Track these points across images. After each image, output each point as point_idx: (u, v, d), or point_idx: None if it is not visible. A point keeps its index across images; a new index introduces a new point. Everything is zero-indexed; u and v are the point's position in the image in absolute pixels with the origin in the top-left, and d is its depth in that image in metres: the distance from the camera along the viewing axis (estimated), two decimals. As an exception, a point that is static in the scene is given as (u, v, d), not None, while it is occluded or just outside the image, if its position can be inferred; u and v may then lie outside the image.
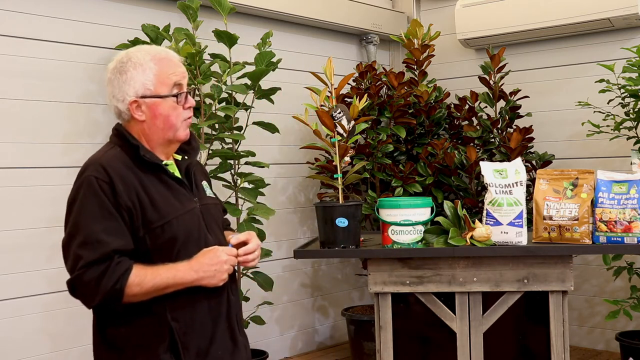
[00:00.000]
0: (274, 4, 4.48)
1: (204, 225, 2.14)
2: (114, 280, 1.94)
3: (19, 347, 3.46)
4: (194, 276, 2.02)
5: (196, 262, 2.04)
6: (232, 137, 3.73)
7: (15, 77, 3.48)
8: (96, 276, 1.94)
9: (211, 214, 2.20)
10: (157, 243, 2.03)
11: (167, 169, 2.12)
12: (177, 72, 2.14)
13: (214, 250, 2.07)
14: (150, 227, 2.02)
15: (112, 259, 1.96)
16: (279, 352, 4.68)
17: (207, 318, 2.09)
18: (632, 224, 2.70)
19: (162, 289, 2.01)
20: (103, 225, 1.97)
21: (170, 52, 2.18)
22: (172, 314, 2.04)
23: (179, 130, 2.14)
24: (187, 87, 2.18)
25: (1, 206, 3.43)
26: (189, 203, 2.12)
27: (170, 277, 2.00)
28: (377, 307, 2.91)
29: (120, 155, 2.10)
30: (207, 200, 2.22)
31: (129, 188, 2.02)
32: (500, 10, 4.81)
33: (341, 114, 2.90)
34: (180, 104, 2.13)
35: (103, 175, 2.01)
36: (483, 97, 4.62)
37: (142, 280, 1.97)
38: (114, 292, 1.95)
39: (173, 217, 2.05)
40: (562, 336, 2.78)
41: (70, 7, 3.69)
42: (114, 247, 1.96)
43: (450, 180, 4.41)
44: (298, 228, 4.86)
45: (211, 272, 2.04)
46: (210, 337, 2.10)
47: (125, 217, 2.00)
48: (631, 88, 3.95)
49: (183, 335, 2.04)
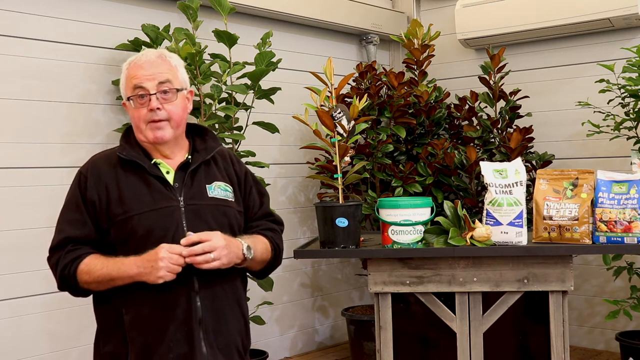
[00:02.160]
0: (274, 4, 4.48)
1: (182, 224, 2.15)
2: (62, 265, 2.15)
3: (19, 347, 3.46)
4: (135, 271, 2.09)
5: (140, 257, 2.10)
6: (232, 137, 3.73)
7: (15, 77, 3.48)
8: (55, 261, 2.18)
9: (201, 214, 2.19)
10: (119, 236, 2.15)
11: (147, 168, 2.19)
12: (138, 75, 2.19)
13: (158, 247, 2.09)
14: (113, 220, 2.15)
15: (66, 247, 2.15)
16: (279, 352, 4.68)
17: (157, 317, 2.13)
18: (632, 224, 2.69)
19: (108, 280, 2.12)
20: (67, 216, 2.20)
21: (147, 54, 2.25)
22: (124, 307, 2.15)
23: (145, 132, 2.21)
24: (159, 88, 2.18)
25: (1, 206, 3.43)
26: (165, 201, 2.16)
27: (115, 269, 2.11)
28: (377, 307, 2.91)
29: (111, 153, 2.26)
30: (205, 200, 2.21)
31: (99, 183, 2.18)
32: (500, 10, 4.81)
33: (341, 114, 2.90)
34: (142, 105, 2.19)
35: (84, 170, 2.23)
36: (483, 97, 4.62)
37: (91, 269, 2.13)
38: (64, 277, 2.16)
39: (135, 212, 2.14)
40: (562, 336, 2.78)
41: (70, 7, 3.69)
42: (68, 235, 2.17)
43: (450, 180, 4.41)
44: (298, 228, 4.86)
45: (148, 268, 2.07)
46: (160, 337, 2.12)
47: (90, 210, 2.17)
48: (631, 88, 3.95)
49: (130, 329, 2.14)
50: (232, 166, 2.37)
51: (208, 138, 2.33)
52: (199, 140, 2.34)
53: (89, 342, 2.19)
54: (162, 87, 2.20)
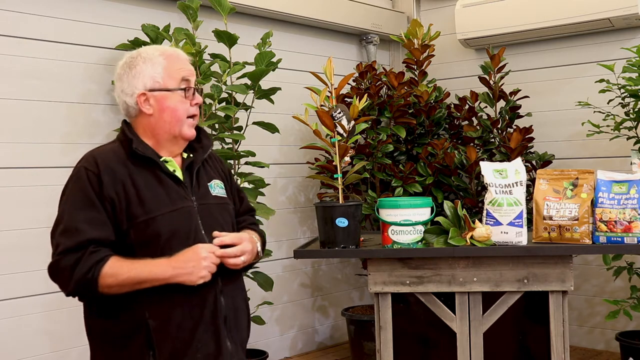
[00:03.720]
0: (274, 4, 4.48)
1: (198, 224, 2.12)
2: (86, 268, 1.97)
3: (19, 347, 3.46)
4: (171, 272, 2.01)
5: (175, 258, 2.02)
6: (232, 137, 3.73)
7: (15, 77, 3.48)
8: (71, 264, 1.99)
9: (212, 214, 2.18)
10: (140, 238, 2.04)
11: (162, 165, 2.12)
12: (185, 67, 2.17)
13: (194, 247, 2.05)
14: (134, 222, 2.04)
15: (87, 248, 1.99)
16: (279, 352, 4.68)
17: (186, 319, 2.06)
18: (632, 224, 2.70)
19: (137, 283, 2.00)
20: (83, 215, 2.01)
21: (179, 50, 2.23)
22: (149, 312, 2.03)
23: (184, 126, 2.15)
24: (195, 86, 2.20)
25: (1, 206, 3.42)
26: (181, 201, 2.11)
27: (146, 271, 2.00)
28: (377, 307, 2.91)
29: (116, 149, 2.13)
30: (210, 199, 2.21)
31: (116, 180, 2.04)
32: (500, 10, 4.81)
33: (341, 114, 2.90)
34: (188, 98, 2.15)
35: (92, 166, 2.05)
36: (483, 97, 4.62)
37: (116, 271, 1.99)
38: (86, 280, 1.98)
39: (158, 213, 2.05)
40: (562, 336, 2.78)
41: (70, 7, 3.69)
42: (90, 236, 2.00)
43: (450, 180, 4.41)
44: (298, 228, 4.86)
45: (189, 268, 2.01)
46: (188, 339, 2.06)
47: (108, 209, 2.03)
48: (631, 88, 3.95)
49: (158, 334, 2.03)
50: (219, 163, 2.37)
51: (202, 136, 2.30)
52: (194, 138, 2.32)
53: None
54: (195, 84, 2.21)
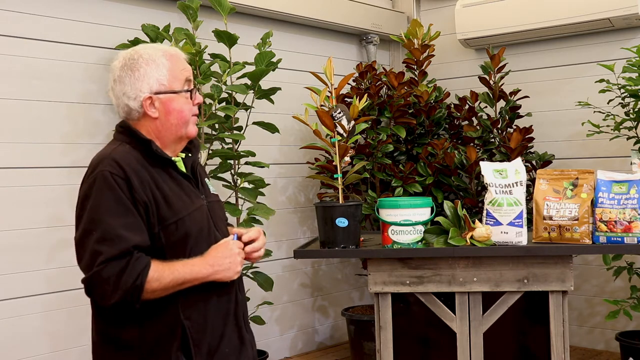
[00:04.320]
0: (274, 4, 4.48)
1: (211, 222, 2.15)
2: (134, 276, 1.92)
3: (19, 347, 3.46)
4: (210, 270, 2.03)
5: (210, 256, 2.05)
6: (232, 137, 3.73)
7: (15, 77, 3.48)
8: (116, 272, 1.91)
9: (217, 211, 2.22)
10: (170, 240, 2.03)
11: (176, 166, 2.13)
12: (186, 68, 2.18)
13: (225, 244, 2.08)
14: (164, 224, 2.02)
15: (132, 255, 1.94)
16: (279, 352, 4.68)
17: (218, 316, 2.10)
18: (632, 224, 2.70)
19: (179, 285, 2.00)
20: (122, 221, 1.95)
21: (178, 49, 2.22)
22: (184, 313, 2.04)
23: (190, 126, 2.16)
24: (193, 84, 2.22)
25: (1, 206, 3.42)
26: (197, 200, 2.13)
27: (187, 272, 2.00)
28: (377, 307, 2.91)
29: (131, 151, 2.07)
30: (212, 197, 2.24)
31: (144, 184, 2.01)
32: (500, 10, 4.81)
33: (341, 114, 2.90)
34: (189, 100, 2.16)
35: (118, 171, 1.99)
36: (483, 97, 4.62)
37: (160, 275, 1.97)
38: (135, 288, 1.93)
39: (185, 214, 2.05)
40: (562, 336, 2.78)
41: (70, 7, 3.69)
42: (134, 242, 1.95)
43: (450, 180, 4.41)
44: (298, 228, 4.85)
45: (226, 264, 2.05)
46: (221, 334, 2.11)
47: (142, 213, 1.99)
48: (631, 88, 3.95)
49: (195, 334, 2.04)
50: (200, 164, 2.40)
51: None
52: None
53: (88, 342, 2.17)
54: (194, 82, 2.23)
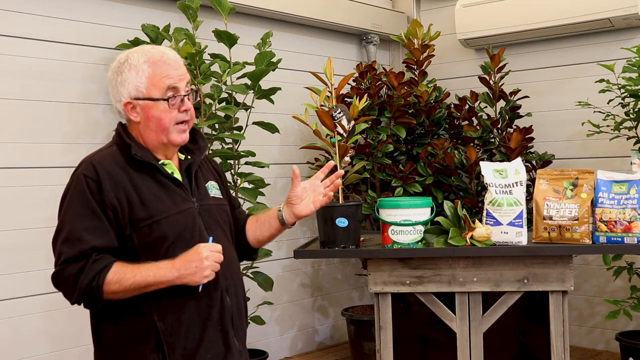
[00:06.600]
0: (274, 4, 4.48)
1: (202, 225, 2.12)
2: (90, 277, 1.97)
3: (19, 347, 3.46)
4: (175, 274, 2.01)
5: (179, 260, 2.02)
6: (232, 137, 3.73)
7: (15, 77, 3.48)
8: (74, 273, 1.99)
9: (212, 214, 2.19)
10: (144, 241, 2.04)
11: (161, 169, 2.11)
12: (171, 74, 2.11)
13: (196, 247, 2.04)
14: (137, 226, 2.04)
15: (90, 257, 1.99)
16: (279, 352, 4.68)
17: (195, 319, 2.07)
18: (632, 224, 2.69)
19: (142, 287, 2.01)
20: (85, 224, 2.01)
21: (168, 53, 2.16)
22: (157, 314, 2.04)
23: (172, 134, 2.12)
24: (186, 89, 2.14)
25: (1, 206, 3.42)
26: (183, 203, 2.11)
27: (150, 275, 2.00)
28: (377, 307, 2.91)
29: (114, 154, 2.11)
30: (209, 200, 2.21)
31: (117, 187, 2.04)
32: (500, 10, 4.81)
33: (341, 114, 2.90)
34: (173, 107, 2.11)
35: (92, 174, 2.04)
36: (483, 97, 4.62)
37: (121, 277, 1.99)
38: (91, 289, 1.98)
39: (163, 216, 2.05)
40: (562, 336, 2.78)
41: (70, 7, 3.69)
42: (92, 245, 1.99)
43: (450, 180, 4.41)
44: (298, 228, 4.85)
45: (192, 269, 2.01)
46: (198, 339, 2.07)
47: (110, 216, 2.02)
48: (631, 88, 3.95)
49: (168, 336, 2.03)
50: (212, 163, 2.37)
51: (198, 138, 2.28)
52: (189, 139, 2.30)
53: (89, 342, 2.17)
54: (188, 88, 2.15)
